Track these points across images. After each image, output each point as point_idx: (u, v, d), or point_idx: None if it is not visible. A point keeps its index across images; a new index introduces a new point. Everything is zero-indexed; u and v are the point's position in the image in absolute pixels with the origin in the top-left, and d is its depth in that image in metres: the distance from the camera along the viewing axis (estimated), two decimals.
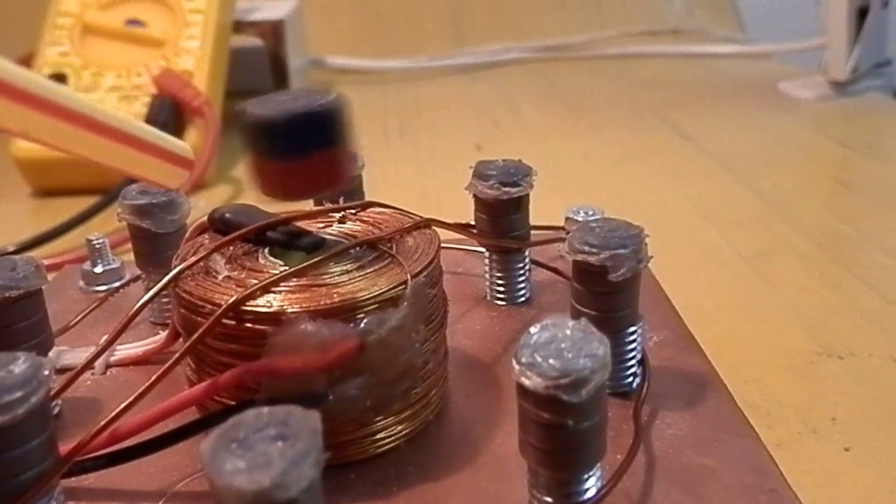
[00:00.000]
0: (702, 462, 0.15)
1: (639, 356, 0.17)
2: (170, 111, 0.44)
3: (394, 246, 0.16)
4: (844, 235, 0.36)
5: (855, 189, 0.42)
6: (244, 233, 0.16)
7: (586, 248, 0.15)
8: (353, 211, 0.17)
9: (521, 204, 0.20)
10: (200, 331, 0.14)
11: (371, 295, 0.14)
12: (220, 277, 0.15)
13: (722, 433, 0.15)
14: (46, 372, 0.12)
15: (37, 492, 0.12)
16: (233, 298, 0.14)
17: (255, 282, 0.14)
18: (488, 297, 0.21)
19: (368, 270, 0.15)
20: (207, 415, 0.14)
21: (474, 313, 0.20)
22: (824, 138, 0.51)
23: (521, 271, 0.21)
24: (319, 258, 0.15)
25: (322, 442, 0.10)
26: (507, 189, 0.19)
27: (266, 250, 0.16)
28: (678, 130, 0.53)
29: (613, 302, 0.16)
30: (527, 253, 0.21)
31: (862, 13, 0.55)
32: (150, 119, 0.43)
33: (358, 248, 0.16)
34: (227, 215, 0.16)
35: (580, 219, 0.22)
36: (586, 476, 0.13)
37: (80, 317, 0.20)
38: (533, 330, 0.12)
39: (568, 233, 0.21)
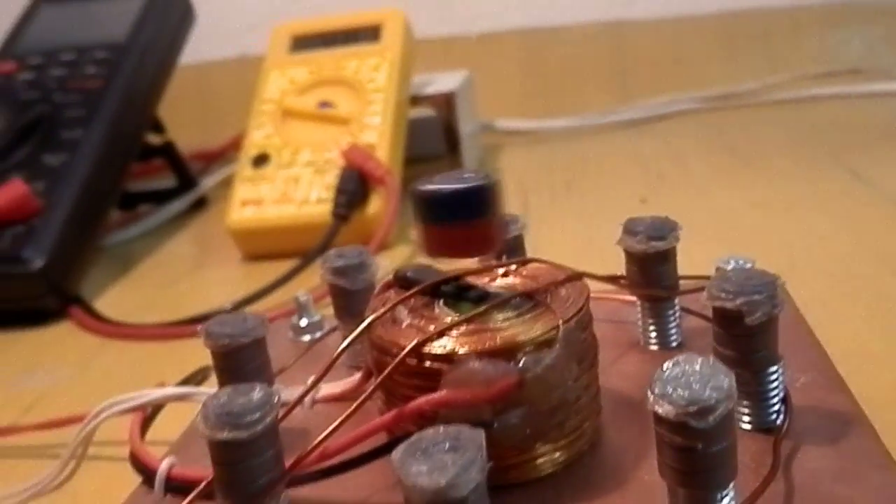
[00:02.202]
0: (839, 492, 0.16)
1: (781, 394, 0.18)
2: (356, 181, 0.49)
3: (548, 296, 0.18)
4: None
5: None
6: (421, 288, 0.19)
7: (723, 295, 0.17)
8: (513, 267, 0.20)
9: (667, 256, 0.22)
10: (388, 368, 0.17)
11: (528, 338, 0.17)
12: (404, 325, 0.18)
13: (862, 466, 0.16)
14: (276, 399, 0.16)
15: (270, 494, 0.16)
16: (413, 342, 0.17)
17: (432, 328, 0.17)
18: (641, 343, 0.23)
19: (526, 317, 0.18)
20: (395, 438, 0.17)
21: (628, 357, 0.22)
22: None
23: (672, 318, 0.22)
24: (484, 308, 0.18)
25: (485, 454, 0.13)
26: (653, 243, 0.21)
27: (440, 302, 0.19)
28: (855, 174, 0.51)
29: (751, 344, 0.17)
30: (677, 301, 0.22)
31: None
32: (340, 188, 0.48)
33: (517, 299, 0.18)
34: (409, 274, 0.20)
35: (730, 268, 0.24)
36: (720, 495, 0.14)
37: (293, 361, 0.24)
38: (666, 365, 0.14)
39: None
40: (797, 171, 0.54)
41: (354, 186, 0.48)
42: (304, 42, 0.60)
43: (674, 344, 0.23)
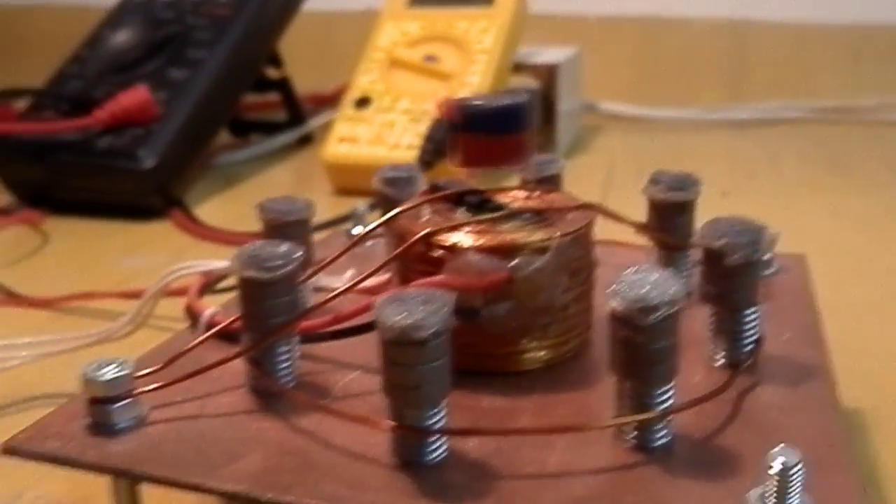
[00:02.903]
0: (780, 421, 0.17)
1: (755, 337, 0.20)
2: (445, 132, 0.51)
3: (557, 217, 0.20)
4: None
5: None
6: (447, 194, 0.21)
7: (710, 235, 0.19)
8: (536, 193, 0.22)
9: (685, 207, 0.23)
10: (399, 249, 0.19)
11: (523, 242, 0.19)
12: (423, 219, 0.20)
13: (810, 406, 0.18)
14: (296, 255, 0.18)
15: (283, 333, 0.18)
16: (425, 231, 0.19)
17: (444, 222, 0.20)
18: None
19: (529, 228, 0.20)
20: None
21: None
22: None
23: (684, 268, 0.24)
24: (493, 215, 0.20)
25: (451, 311, 0.15)
26: (673, 193, 0.23)
27: (462, 209, 0.21)
28: None
29: (730, 283, 0.19)
30: (690, 253, 0.24)
31: None
32: (429, 136, 0.51)
33: (527, 214, 0.20)
34: (441, 183, 0.22)
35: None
36: (659, 391, 0.16)
37: (337, 254, 0.26)
38: (629, 270, 0.16)
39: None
40: (890, 188, 0.53)
41: (442, 136, 0.51)
42: None
43: None
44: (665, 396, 0.16)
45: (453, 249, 0.19)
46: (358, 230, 0.30)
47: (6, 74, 0.67)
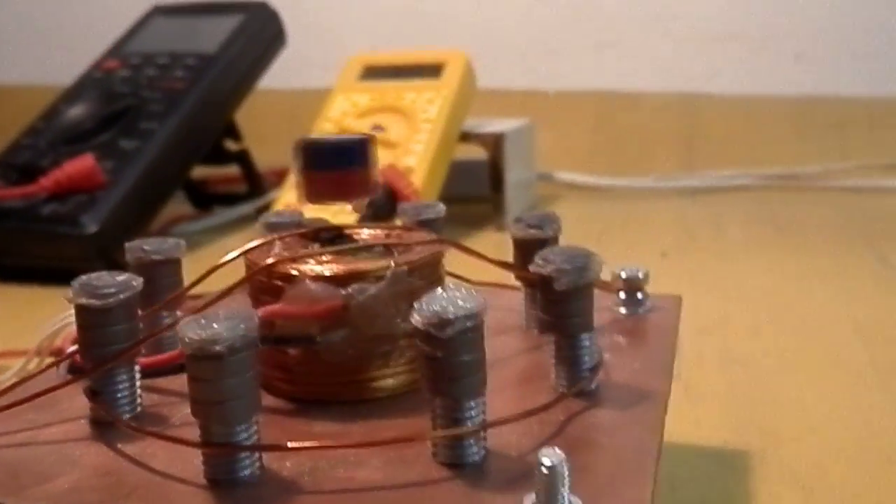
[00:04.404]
0: (599, 439, 0.17)
1: (591, 363, 0.20)
2: (386, 196, 0.52)
3: (406, 251, 0.21)
4: None
5: None
6: (308, 230, 0.22)
7: (540, 262, 0.19)
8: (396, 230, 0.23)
9: (546, 244, 0.24)
10: (241, 280, 0.20)
11: (360, 270, 0.19)
12: (273, 252, 0.21)
13: (634, 426, 0.18)
14: (133, 283, 0.19)
15: (120, 361, 0.19)
16: (267, 262, 0.20)
17: (285, 253, 0.20)
18: (524, 326, 0.25)
19: (370, 259, 0.20)
20: None
21: (507, 335, 0.24)
22: None
23: None
24: (337, 248, 0.21)
25: (253, 328, 0.16)
26: (532, 231, 0.23)
27: (315, 245, 0.22)
28: (880, 257, 0.51)
29: (563, 309, 0.19)
30: None
31: None
32: (370, 202, 0.52)
33: (378, 249, 0.21)
34: (304, 220, 0.23)
35: (624, 275, 0.26)
36: (467, 405, 0.16)
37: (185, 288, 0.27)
38: (437, 290, 0.17)
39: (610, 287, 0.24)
40: (825, 247, 0.54)
41: (382, 200, 0.52)
42: (374, 72, 0.65)
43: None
44: (474, 412, 0.17)
45: (290, 279, 0.20)
46: None
47: None
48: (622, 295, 0.26)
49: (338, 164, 0.21)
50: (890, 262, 0.50)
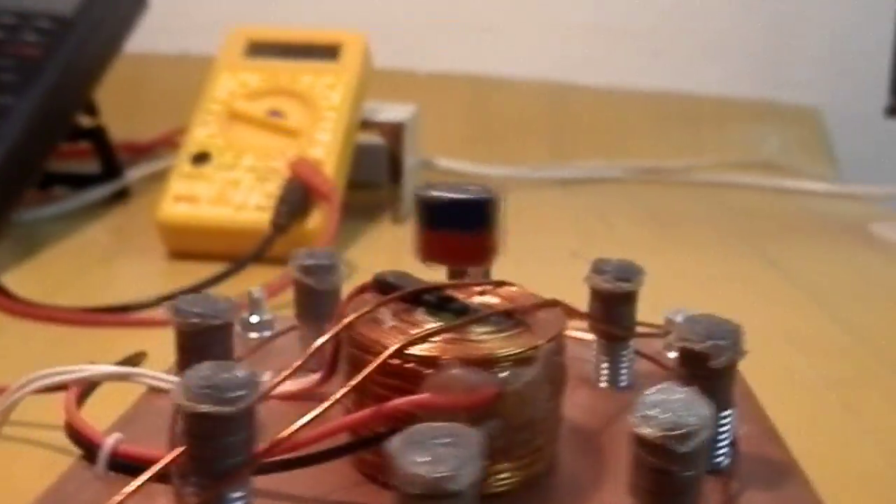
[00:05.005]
0: None
1: (731, 438, 0.19)
2: (301, 193, 0.48)
3: (526, 318, 0.19)
4: None
5: None
6: (406, 293, 0.19)
7: (693, 337, 0.18)
8: (489, 287, 0.21)
9: (630, 298, 0.23)
10: (374, 364, 0.17)
11: (510, 353, 0.17)
12: (387, 326, 0.18)
13: None
14: (259, 380, 0.15)
15: (240, 475, 0.15)
16: (402, 342, 0.17)
17: (418, 331, 0.18)
18: (592, 380, 0.24)
19: (505, 334, 0.18)
20: (370, 436, 0.17)
21: (579, 391, 0.23)
22: None
23: (625, 359, 0.23)
24: (469, 319, 0.18)
25: (482, 453, 0.13)
26: (620, 284, 0.22)
27: (421, 310, 0.19)
28: (767, 259, 0.55)
29: (712, 386, 0.18)
30: (631, 343, 0.23)
31: None
32: (284, 198, 0.48)
33: (497, 317, 0.19)
34: (390, 279, 0.20)
35: (677, 319, 0.25)
36: None
37: (249, 353, 0.23)
38: (649, 391, 0.15)
39: (668, 331, 0.23)
40: (715, 248, 0.57)
41: (298, 198, 0.48)
42: (260, 49, 0.59)
43: (623, 384, 0.23)
44: None
45: (434, 363, 0.17)
46: (255, 319, 0.27)
47: None
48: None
49: (467, 225, 0.18)
50: (775, 262, 0.54)
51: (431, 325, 0.18)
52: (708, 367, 0.18)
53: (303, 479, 0.18)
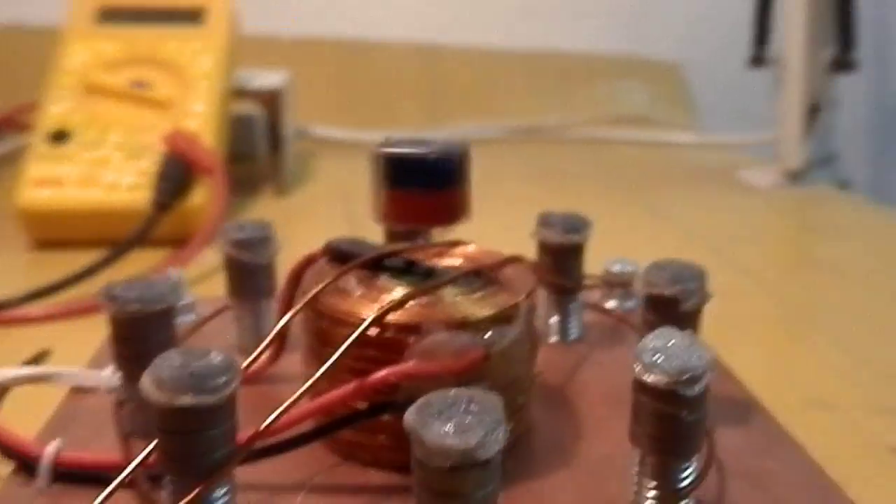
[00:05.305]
0: (762, 465, 0.17)
1: None
2: (181, 169, 0.45)
3: (496, 278, 0.18)
4: (808, 301, 0.40)
5: (815, 265, 0.47)
6: (371, 258, 0.18)
7: (661, 283, 0.18)
8: (446, 247, 0.20)
9: (578, 251, 0.22)
10: (356, 335, 0.16)
11: (491, 313, 0.17)
12: (357, 295, 0.17)
13: (771, 444, 0.18)
14: (238, 365, 0.14)
15: (226, 470, 0.14)
16: (380, 310, 0.16)
17: (393, 297, 0.17)
18: (542, 335, 0.23)
19: (480, 294, 0.17)
20: (356, 412, 0.16)
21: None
22: (782, 220, 0.56)
23: (575, 312, 0.23)
24: (445, 280, 0.17)
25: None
26: (569, 236, 0.22)
27: (384, 276, 0.18)
28: (649, 208, 0.57)
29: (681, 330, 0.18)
30: (579, 297, 0.23)
31: (812, 110, 0.61)
32: (163, 175, 0.45)
33: (469, 277, 0.18)
34: (344, 246, 0.19)
35: (616, 269, 0.25)
36: (686, 465, 0.15)
37: (180, 341, 0.21)
38: (648, 338, 0.15)
39: (623, 282, 0.24)
40: (602, 202, 0.59)
41: (178, 174, 0.45)
42: (113, 15, 0.54)
43: (573, 337, 0.23)
44: (689, 471, 0.15)
45: (416, 330, 0.16)
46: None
47: None
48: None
49: (432, 184, 0.17)
50: (657, 211, 0.56)
51: (400, 290, 0.17)
52: (678, 311, 0.18)
53: (279, 467, 0.16)
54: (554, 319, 0.23)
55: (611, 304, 0.25)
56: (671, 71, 0.86)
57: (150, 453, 0.14)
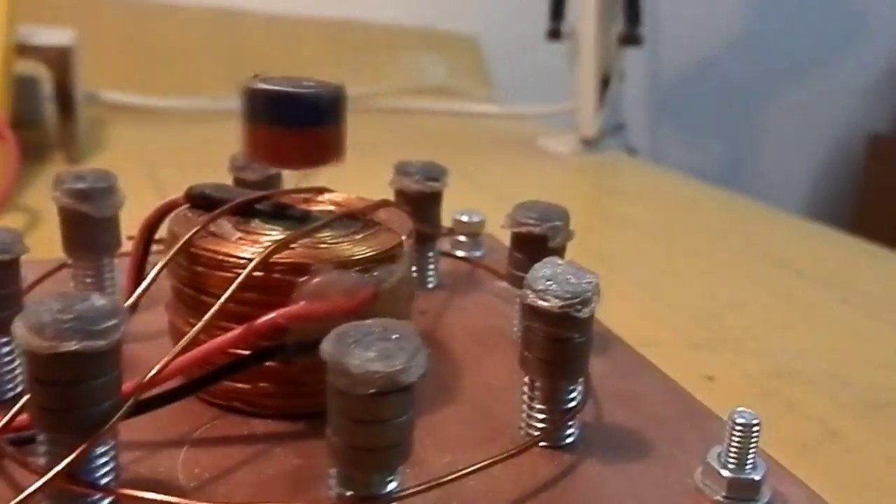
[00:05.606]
0: (628, 387, 0.19)
1: None
2: None
3: (372, 219, 0.18)
4: (616, 254, 0.43)
5: (616, 222, 0.51)
6: (241, 203, 0.17)
7: (530, 221, 0.19)
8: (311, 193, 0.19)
9: (437, 198, 0.23)
10: (242, 276, 0.15)
11: (376, 252, 0.16)
12: (234, 238, 0.16)
13: (631, 369, 0.20)
14: (124, 310, 0.13)
15: (114, 422, 0.13)
16: (264, 252, 0.15)
17: (275, 239, 0.16)
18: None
19: (360, 235, 0.17)
20: (236, 361, 0.15)
21: None
22: (582, 183, 0.60)
23: (433, 260, 0.23)
24: (328, 220, 0.17)
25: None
26: (429, 183, 0.22)
27: (256, 220, 0.17)
28: (460, 173, 0.58)
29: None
30: (436, 244, 0.24)
31: (605, 82, 0.65)
32: None
33: (348, 219, 0.18)
34: (209, 191, 0.18)
35: (465, 219, 0.26)
36: (573, 387, 0.16)
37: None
38: (537, 266, 0.15)
39: (456, 232, 0.24)
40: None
41: None
42: None
43: (431, 285, 0.24)
44: (575, 394, 0.16)
45: (303, 270, 0.15)
46: None
47: None
48: (462, 240, 0.26)
49: (308, 121, 0.16)
50: (469, 176, 0.58)
51: (277, 234, 0.17)
52: (546, 248, 0.19)
53: (159, 423, 0.15)
54: (412, 269, 0.23)
55: (460, 253, 0.26)
56: (469, 43, 0.89)
57: (23, 411, 0.13)
